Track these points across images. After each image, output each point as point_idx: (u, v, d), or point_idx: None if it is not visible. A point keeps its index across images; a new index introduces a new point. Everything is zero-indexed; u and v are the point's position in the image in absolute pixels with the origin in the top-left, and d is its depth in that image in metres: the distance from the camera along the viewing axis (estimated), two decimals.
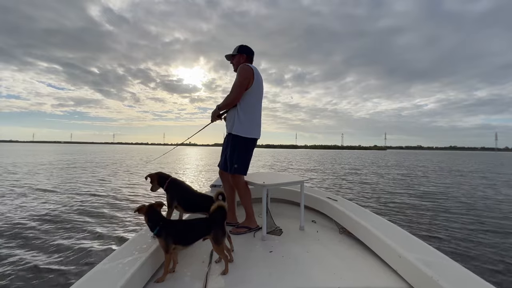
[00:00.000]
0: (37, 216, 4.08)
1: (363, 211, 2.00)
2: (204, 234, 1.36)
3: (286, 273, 1.35)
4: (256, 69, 1.98)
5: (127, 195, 6.02)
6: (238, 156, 1.91)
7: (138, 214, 1.34)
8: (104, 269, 1.12)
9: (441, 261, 1.20)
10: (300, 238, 1.85)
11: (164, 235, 1.28)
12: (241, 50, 2.08)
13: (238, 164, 1.90)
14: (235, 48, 2.11)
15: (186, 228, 1.38)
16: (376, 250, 1.53)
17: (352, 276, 1.33)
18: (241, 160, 1.92)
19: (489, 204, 5.63)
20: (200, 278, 1.28)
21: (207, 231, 1.35)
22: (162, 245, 1.28)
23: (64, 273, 2.31)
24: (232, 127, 1.94)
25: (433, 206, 5.43)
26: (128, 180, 8.49)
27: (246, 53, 2.09)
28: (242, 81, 1.89)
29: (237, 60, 2.09)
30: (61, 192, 6.14)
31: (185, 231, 1.35)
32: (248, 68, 1.93)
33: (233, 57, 2.12)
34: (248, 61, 2.09)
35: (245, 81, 1.90)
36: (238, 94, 1.90)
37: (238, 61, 2.08)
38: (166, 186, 1.65)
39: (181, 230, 1.35)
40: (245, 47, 2.10)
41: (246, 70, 1.91)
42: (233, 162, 1.91)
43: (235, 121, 1.93)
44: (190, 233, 1.36)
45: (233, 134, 1.93)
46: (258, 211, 2.20)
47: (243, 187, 1.96)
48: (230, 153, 1.93)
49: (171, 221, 1.39)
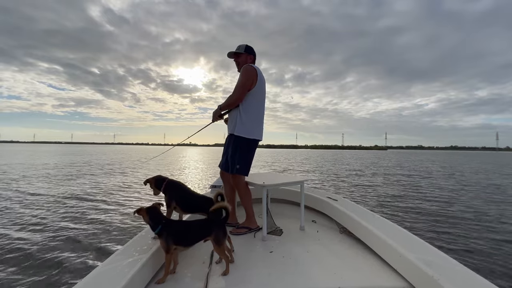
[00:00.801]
0: (37, 217, 4.09)
1: (363, 210, 2.00)
2: (205, 235, 1.36)
3: (286, 273, 1.35)
4: (260, 70, 1.96)
5: (126, 196, 6.03)
6: (240, 157, 1.91)
7: (137, 216, 1.34)
8: (105, 271, 1.12)
9: (442, 260, 1.20)
10: (300, 238, 1.85)
11: (165, 235, 1.28)
12: (249, 51, 2.05)
13: (240, 165, 1.90)
14: (240, 46, 2.06)
15: (187, 228, 1.38)
16: (376, 250, 1.53)
17: (352, 276, 1.32)
18: (243, 161, 1.91)
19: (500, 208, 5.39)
20: (200, 279, 1.28)
21: (208, 232, 1.35)
22: (163, 245, 1.28)
23: (65, 275, 2.30)
24: (234, 128, 1.93)
25: (443, 211, 5.31)
26: (126, 181, 8.50)
27: (253, 54, 2.08)
28: (245, 82, 1.88)
29: (244, 59, 2.05)
30: (61, 194, 6.15)
31: (186, 232, 1.35)
32: (252, 68, 1.91)
33: (238, 56, 2.06)
34: (253, 63, 2.08)
35: (248, 81, 1.89)
36: (241, 94, 1.88)
37: (245, 61, 2.05)
38: (163, 187, 1.67)
39: (182, 230, 1.35)
40: (252, 48, 2.07)
41: (249, 70, 1.90)
42: (235, 162, 1.90)
43: (237, 122, 1.91)
44: (191, 234, 1.35)
45: (235, 135, 1.92)
46: (258, 212, 2.19)
47: (244, 187, 1.96)
48: (232, 153, 1.92)
49: (172, 221, 1.39)
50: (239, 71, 2.01)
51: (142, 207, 1.34)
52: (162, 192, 1.67)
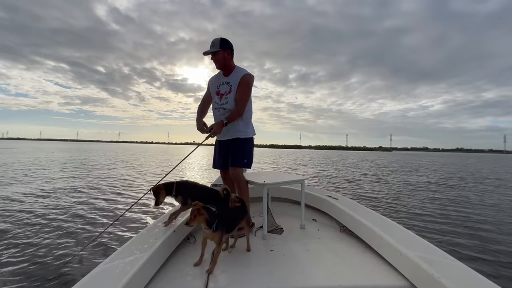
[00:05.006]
0: (36, 217, 4.12)
1: (363, 209, 1.99)
2: (240, 220, 1.53)
3: (287, 272, 1.35)
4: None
5: (126, 194, 6.07)
6: (246, 154, 1.98)
7: (194, 220, 1.30)
8: (106, 269, 1.13)
9: (443, 259, 1.20)
10: (301, 236, 1.85)
11: (220, 228, 1.35)
12: (224, 46, 1.87)
13: (247, 159, 1.98)
14: (214, 42, 1.87)
15: (231, 217, 1.51)
16: (376, 248, 1.52)
17: (353, 274, 1.32)
18: (248, 156, 2.00)
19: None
20: (201, 278, 1.29)
21: (241, 217, 1.54)
22: (219, 238, 1.35)
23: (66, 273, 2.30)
24: (236, 132, 1.96)
25: (444, 210, 5.31)
26: (130, 176, 8.57)
27: (231, 49, 1.91)
28: (249, 94, 1.93)
29: (222, 57, 1.88)
30: (63, 192, 6.22)
31: (231, 221, 1.48)
32: (252, 79, 1.93)
33: (214, 54, 1.89)
34: (232, 57, 1.95)
35: (250, 92, 1.95)
36: (245, 107, 1.92)
37: (223, 58, 1.89)
38: (175, 190, 1.67)
39: (228, 219, 1.46)
40: (227, 41, 1.89)
41: (251, 83, 1.93)
42: (242, 157, 1.96)
43: (240, 127, 1.95)
44: (233, 222, 1.49)
45: (241, 138, 1.97)
46: (259, 210, 2.20)
47: (244, 181, 1.97)
48: (240, 152, 1.96)
49: (221, 214, 1.46)
50: (219, 69, 1.97)
51: (198, 208, 1.31)
52: (173, 196, 1.67)
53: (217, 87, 2.01)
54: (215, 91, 2.02)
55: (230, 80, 1.94)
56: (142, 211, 4.34)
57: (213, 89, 2.03)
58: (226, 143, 2.03)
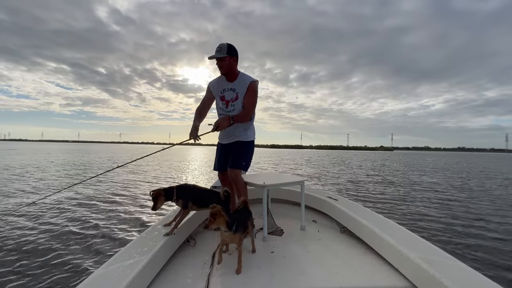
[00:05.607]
0: (36, 217, 4.13)
1: (363, 210, 1.99)
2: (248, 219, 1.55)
3: (287, 273, 1.35)
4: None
5: (122, 197, 6.07)
6: (246, 156, 2.02)
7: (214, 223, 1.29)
8: (106, 272, 1.13)
9: (444, 260, 1.19)
10: (301, 238, 1.85)
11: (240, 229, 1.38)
12: (231, 52, 1.87)
13: (246, 162, 2.01)
14: (221, 47, 1.86)
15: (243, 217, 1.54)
16: (377, 249, 1.52)
17: (353, 276, 1.32)
18: (247, 159, 2.04)
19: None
20: (202, 280, 1.29)
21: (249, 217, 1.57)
22: (240, 239, 1.38)
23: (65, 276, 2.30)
24: (239, 135, 2.01)
25: (444, 211, 5.29)
26: (128, 179, 8.59)
27: (236, 55, 1.92)
28: (256, 100, 2.00)
29: (228, 63, 1.88)
30: (65, 194, 6.23)
31: (244, 220, 1.51)
32: (257, 85, 2.00)
33: (221, 59, 1.88)
34: (237, 64, 1.95)
35: (257, 98, 2.01)
36: (253, 111, 2.00)
37: (229, 64, 1.89)
38: (175, 194, 1.66)
39: (242, 219, 1.49)
40: (234, 48, 1.90)
41: (257, 89, 1.99)
42: (241, 159, 1.99)
43: (241, 130, 2.00)
44: (245, 221, 1.51)
45: (244, 141, 2.01)
46: (259, 212, 2.19)
47: (243, 182, 1.98)
48: (240, 154, 1.99)
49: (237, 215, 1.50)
50: (224, 74, 1.96)
51: (219, 210, 1.30)
52: (174, 200, 1.66)
53: (221, 92, 2.00)
54: (219, 96, 2.02)
55: (235, 86, 1.95)
56: (141, 214, 4.35)
57: (217, 93, 2.03)
58: (227, 145, 2.06)
